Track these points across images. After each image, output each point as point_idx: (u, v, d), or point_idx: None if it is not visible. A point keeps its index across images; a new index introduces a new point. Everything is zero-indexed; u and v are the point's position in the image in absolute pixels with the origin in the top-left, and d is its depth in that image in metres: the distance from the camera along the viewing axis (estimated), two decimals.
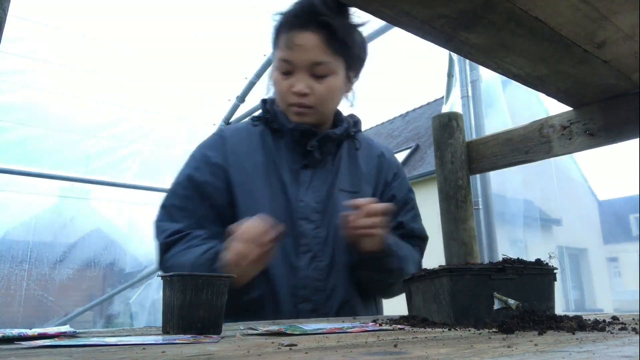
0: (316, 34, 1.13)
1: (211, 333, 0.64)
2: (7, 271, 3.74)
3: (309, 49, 1.14)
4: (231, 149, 1.21)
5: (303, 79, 1.15)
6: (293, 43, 1.13)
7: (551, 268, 0.85)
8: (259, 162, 1.20)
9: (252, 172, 1.18)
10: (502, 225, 2.60)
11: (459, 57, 2.53)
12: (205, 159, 1.19)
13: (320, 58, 1.14)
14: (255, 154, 1.21)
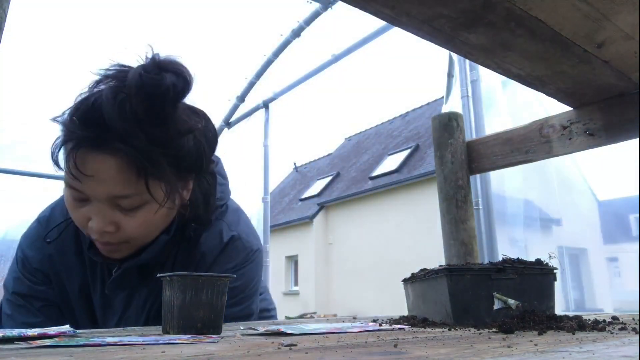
0: (114, 156, 0.77)
1: (211, 333, 0.64)
2: (7, 271, 3.74)
3: (104, 179, 0.78)
4: (50, 249, 0.99)
5: (102, 211, 0.81)
6: (80, 172, 0.77)
7: (551, 268, 0.85)
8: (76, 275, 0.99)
9: (70, 286, 0.99)
10: (502, 225, 2.60)
11: (459, 57, 2.53)
12: (24, 262, 1.02)
13: (122, 191, 0.79)
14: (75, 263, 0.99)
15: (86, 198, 0.81)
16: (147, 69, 0.77)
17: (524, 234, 2.85)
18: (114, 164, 0.78)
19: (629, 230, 8.43)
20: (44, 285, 1.00)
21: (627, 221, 8.91)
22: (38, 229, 1.02)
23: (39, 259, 0.99)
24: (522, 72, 1.07)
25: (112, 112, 0.75)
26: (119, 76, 0.79)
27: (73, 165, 0.77)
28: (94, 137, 0.77)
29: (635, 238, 7.51)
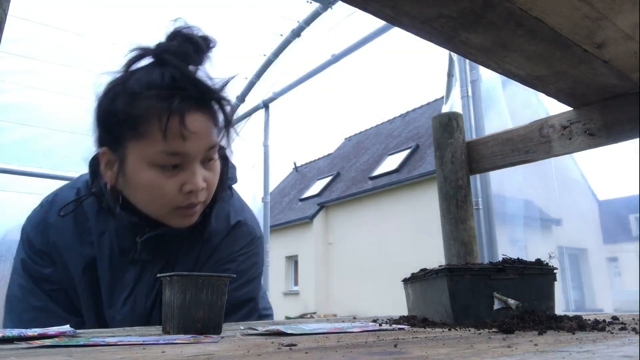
0: (207, 113, 0.89)
1: (211, 333, 0.64)
2: (7, 271, 3.73)
3: (203, 133, 0.87)
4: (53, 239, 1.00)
5: (197, 170, 0.88)
6: (189, 128, 0.84)
7: (551, 268, 0.85)
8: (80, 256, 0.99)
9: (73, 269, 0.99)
10: (502, 225, 2.60)
11: (459, 57, 2.53)
12: (31, 245, 1.02)
13: (213, 140, 0.90)
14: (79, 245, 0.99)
15: (178, 164, 0.87)
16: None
17: (524, 234, 2.85)
18: (208, 118, 0.88)
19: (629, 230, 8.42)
20: (50, 267, 1.00)
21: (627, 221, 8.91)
22: (41, 212, 1.04)
23: (42, 241, 1.00)
24: (522, 72, 1.07)
25: (198, 74, 0.87)
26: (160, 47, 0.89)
27: (182, 126, 0.83)
28: (196, 97, 0.86)
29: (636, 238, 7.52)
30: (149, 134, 0.84)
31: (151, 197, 0.90)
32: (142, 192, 0.90)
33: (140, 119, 0.85)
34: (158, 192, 0.88)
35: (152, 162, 0.86)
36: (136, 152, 0.87)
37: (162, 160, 0.86)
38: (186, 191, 0.88)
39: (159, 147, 0.85)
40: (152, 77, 0.86)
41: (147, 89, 0.85)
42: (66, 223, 1.00)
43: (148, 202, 0.91)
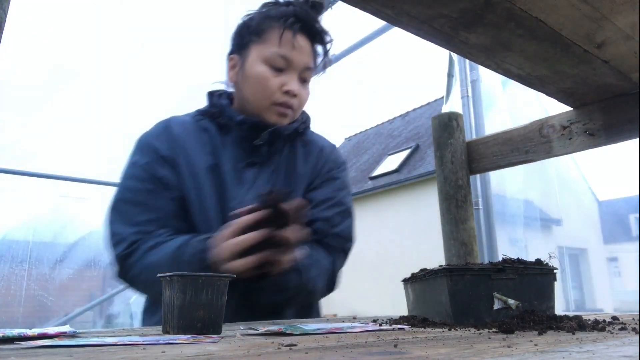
0: (310, 42, 1.17)
1: (211, 333, 0.64)
2: (7, 271, 3.74)
3: (306, 53, 1.15)
4: (177, 142, 1.14)
5: (295, 80, 1.14)
6: (297, 43, 1.12)
7: (551, 268, 0.85)
8: (203, 158, 1.13)
9: (199, 168, 1.12)
10: (502, 225, 2.60)
11: (459, 57, 2.53)
12: (154, 150, 1.13)
13: (311, 64, 1.17)
14: (200, 150, 1.14)
15: (284, 68, 1.13)
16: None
17: (524, 234, 2.85)
18: (310, 45, 1.17)
19: (629, 230, 8.43)
20: (172, 173, 1.11)
21: (627, 221, 8.92)
22: (161, 126, 1.19)
23: (167, 147, 1.14)
24: (522, 72, 1.07)
25: (316, 17, 1.17)
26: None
27: (292, 37, 1.13)
28: (306, 26, 1.15)
29: (635, 238, 7.52)
30: (268, 39, 1.14)
31: (258, 87, 1.14)
32: (253, 83, 1.14)
33: (265, 30, 1.14)
34: (265, 83, 1.13)
35: (266, 60, 1.13)
36: (256, 53, 1.14)
37: (273, 60, 1.13)
38: (284, 90, 1.13)
39: (274, 49, 1.12)
40: (280, 8, 1.16)
41: (276, 12, 1.15)
42: (188, 133, 1.16)
43: (255, 93, 1.15)
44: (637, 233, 7.60)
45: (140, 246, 1.04)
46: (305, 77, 1.17)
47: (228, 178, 1.12)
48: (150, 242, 1.04)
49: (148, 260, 1.02)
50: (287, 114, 1.15)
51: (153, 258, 1.01)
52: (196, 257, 0.96)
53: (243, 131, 1.14)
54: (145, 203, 1.08)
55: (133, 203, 1.09)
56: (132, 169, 1.12)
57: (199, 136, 1.16)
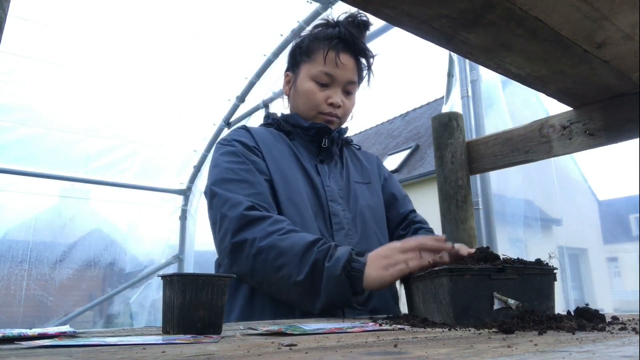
0: (354, 59, 1.32)
1: (211, 333, 0.64)
2: (7, 271, 3.74)
3: (349, 69, 1.30)
4: (259, 139, 1.27)
5: (339, 93, 1.31)
6: (340, 61, 1.28)
7: (551, 268, 0.85)
8: (284, 151, 1.27)
9: (281, 159, 1.24)
10: (502, 225, 2.60)
11: (459, 57, 2.53)
12: (242, 142, 1.24)
13: (354, 78, 1.33)
14: (280, 146, 1.29)
15: (329, 84, 1.30)
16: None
17: (524, 234, 2.85)
18: (354, 62, 1.32)
19: (629, 230, 8.43)
20: (262, 160, 1.22)
21: (627, 221, 8.92)
22: (241, 129, 1.32)
23: (254, 142, 1.25)
24: (522, 72, 1.07)
25: (359, 35, 1.32)
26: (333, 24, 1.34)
27: (337, 58, 1.28)
28: (350, 44, 1.30)
29: (635, 238, 7.52)
30: (315, 59, 1.30)
31: (307, 100, 1.31)
32: (303, 97, 1.32)
33: (313, 50, 1.31)
34: (312, 97, 1.30)
35: (313, 77, 1.30)
36: (305, 71, 1.32)
37: (319, 77, 1.29)
38: (329, 102, 1.30)
39: (320, 68, 1.29)
40: (327, 30, 1.33)
41: (323, 35, 1.31)
42: (266, 135, 1.30)
43: (304, 104, 1.32)
44: (637, 233, 7.60)
45: (260, 221, 1.07)
46: (350, 89, 1.34)
47: (309, 168, 1.27)
48: (272, 226, 1.06)
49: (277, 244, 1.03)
50: (332, 121, 1.32)
51: (282, 244, 1.03)
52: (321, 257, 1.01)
53: (310, 134, 1.32)
54: (248, 180, 1.15)
55: (236, 180, 1.15)
56: (228, 156, 1.21)
57: (274, 137, 1.31)
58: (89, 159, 3.93)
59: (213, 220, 1.15)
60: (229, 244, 1.07)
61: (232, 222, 1.08)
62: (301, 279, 1.00)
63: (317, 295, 1.00)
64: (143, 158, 4.09)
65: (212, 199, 1.15)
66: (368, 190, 1.37)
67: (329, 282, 0.98)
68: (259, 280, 1.07)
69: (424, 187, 10.56)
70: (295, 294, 1.03)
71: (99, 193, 4.24)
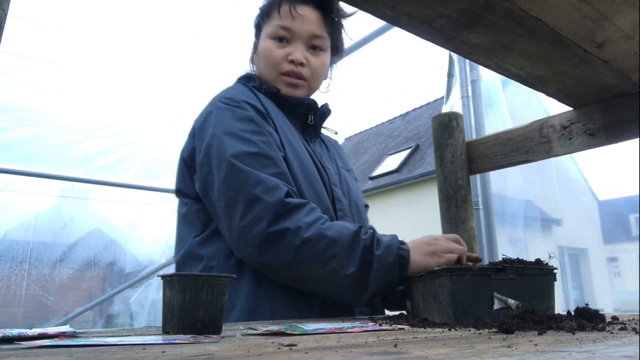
0: (316, 10, 1.19)
1: (211, 333, 0.64)
2: (7, 271, 3.74)
3: (310, 21, 1.17)
4: (266, 104, 1.13)
5: (300, 48, 1.17)
6: (296, 12, 1.15)
7: (551, 268, 0.85)
8: (287, 122, 1.14)
9: (287, 130, 1.11)
10: (502, 225, 2.60)
11: (459, 57, 2.53)
12: (253, 106, 1.08)
13: (319, 32, 1.19)
14: (281, 115, 1.15)
15: (289, 39, 1.17)
16: None
17: (524, 234, 2.85)
18: (316, 13, 1.18)
19: (629, 230, 8.43)
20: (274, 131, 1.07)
21: (627, 221, 8.91)
22: (243, 87, 1.17)
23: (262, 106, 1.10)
24: (522, 72, 1.07)
25: None
26: None
27: (292, 8, 1.15)
28: None
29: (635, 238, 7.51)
30: (271, 16, 1.19)
31: (266, 61, 1.18)
32: (262, 58, 1.19)
33: (270, 8, 1.20)
34: (270, 55, 1.17)
35: (270, 35, 1.18)
36: (264, 32, 1.20)
37: (275, 33, 1.17)
38: (289, 60, 1.16)
39: (276, 22, 1.17)
40: None
41: None
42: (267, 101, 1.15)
43: (264, 66, 1.19)
44: (637, 233, 7.59)
45: (299, 209, 0.95)
46: (316, 44, 1.19)
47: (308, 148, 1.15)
48: (312, 215, 0.95)
49: (323, 232, 0.93)
50: (296, 84, 1.18)
51: (328, 232, 0.93)
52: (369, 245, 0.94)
53: (299, 110, 1.19)
54: (270, 156, 1.00)
55: (257, 155, 0.99)
56: (243, 122, 1.04)
57: (272, 104, 1.16)
58: (89, 159, 3.93)
59: (232, 199, 0.97)
60: (262, 233, 0.93)
61: (270, 208, 0.94)
62: (353, 270, 0.92)
63: (365, 286, 0.93)
64: (143, 158, 4.09)
65: (234, 175, 0.97)
66: (350, 176, 1.29)
67: (379, 270, 0.92)
68: (297, 274, 0.95)
69: (424, 187, 10.57)
70: (342, 287, 0.94)
71: (99, 193, 4.24)
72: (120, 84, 3.54)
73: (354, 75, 6.38)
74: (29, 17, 2.88)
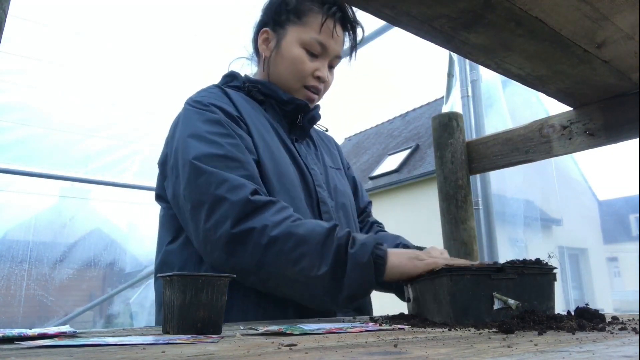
0: (344, 32, 1.22)
1: (211, 333, 0.64)
2: (7, 271, 3.74)
3: (340, 42, 1.21)
4: (239, 106, 1.10)
5: (326, 66, 1.20)
6: (335, 33, 1.16)
7: (551, 268, 0.85)
8: (266, 125, 1.11)
9: (266, 135, 1.08)
10: (502, 225, 2.60)
11: (459, 57, 2.53)
12: (223, 110, 1.05)
13: (340, 53, 1.23)
14: (261, 118, 1.12)
15: (318, 55, 1.17)
16: None
17: (524, 234, 2.85)
18: (342, 35, 1.21)
19: (629, 230, 8.42)
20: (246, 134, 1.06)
21: (627, 221, 8.90)
22: (216, 90, 1.14)
23: (234, 109, 1.08)
24: (522, 72, 1.07)
25: (353, 12, 1.20)
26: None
27: (334, 28, 1.16)
28: (345, 17, 1.18)
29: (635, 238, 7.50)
30: (308, 24, 1.16)
31: (293, 68, 1.17)
32: (288, 64, 1.17)
33: (306, 12, 1.16)
34: (300, 66, 1.16)
35: (304, 44, 1.16)
36: (294, 34, 1.16)
37: (311, 46, 1.16)
38: (316, 75, 1.18)
39: (313, 35, 1.15)
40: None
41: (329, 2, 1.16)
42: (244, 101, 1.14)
43: (289, 73, 1.18)
44: (637, 233, 7.59)
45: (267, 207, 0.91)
46: (333, 64, 1.23)
47: (291, 148, 1.14)
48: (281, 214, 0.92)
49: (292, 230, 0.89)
50: (314, 98, 1.21)
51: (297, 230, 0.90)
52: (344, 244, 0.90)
53: (288, 109, 1.18)
54: (238, 158, 0.97)
55: (224, 157, 0.96)
56: (211, 125, 1.01)
57: (251, 105, 1.14)
58: (89, 159, 3.93)
59: (197, 200, 0.93)
60: (226, 234, 0.89)
61: (235, 207, 0.90)
62: (325, 270, 0.88)
63: (339, 288, 0.89)
64: (143, 158, 4.09)
65: (197, 176, 0.94)
66: (340, 176, 1.27)
67: (354, 270, 0.88)
68: (267, 276, 0.91)
69: (424, 187, 10.57)
70: (315, 288, 0.90)
71: (99, 193, 4.24)
72: (120, 84, 3.54)
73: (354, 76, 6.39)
74: (29, 17, 2.88)
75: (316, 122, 1.28)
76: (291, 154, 1.12)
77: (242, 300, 0.97)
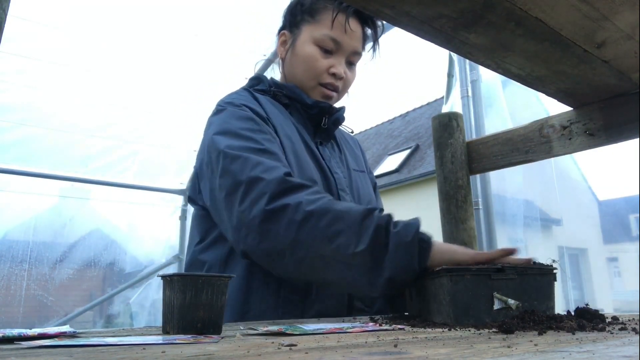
0: (361, 26, 1.20)
1: (211, 333, 0.64)
2: (7, 271, 3.74)
3: (356, 37, 1.18)
4: (267, 109, 1.11)
5: (342, 63, 1.18)
6: (349, 27, 1.15)
7: (551, 268, 0.85)
8: (292, 128, 1.12)
9: (290, 135, 1.09)
10: (502, 225, 2.60)
11: (459, 57, 2.53)
12: (252, 109, 1.07)
13: (360, 49, 1.21)
14: (286, 120, 1.13)
15: (333, 51, 1.16)
16: None
17: (524, 234, 2.85)
18: (361, 31, 1.19)
19: (629, 230, 8.42)
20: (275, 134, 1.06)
21: (627, 221, 8.91)
22: (244, 93, 1.17)
23: (262, 111, 1.09)
24: (522, 72, 1.07)
25: None
26: None
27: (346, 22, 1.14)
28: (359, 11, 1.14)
29: (635, 238, 7.50)
30: (321, 21, 1.16)
31: (307, 67, 1.17)
32: (302, 62, 1.17)
33: (319, 10, 1.16)
34: (313, 64, 1.16)
35: (317, 42, 1.16)
36: (308, 33, 1.17)
37: (324, 42, 1.15)
38: (331, 72, 1.16)
39: (325, 32, 1.15)
40: None
41: None
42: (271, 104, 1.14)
43: (303, 72, 1.18)
44: (637, 233, 7.59)
45: (301, 189, 0.89)
46: (353, 60, 1.21)
47: (315, 151, 1.14)
48: (317, 194, 0.90)
49: (329, 206, 0.86)
50: (331, 96, 1.20)
51: (336, 206, 0.86)
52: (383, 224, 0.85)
53: (312, 113, 1.18)
54: (273, 151, 0.98)
55: (259, 150, 0.96)
56: (243, 121, 1.02)
57: (277, 108, 1.15)
58: (89, 159, 3.93)
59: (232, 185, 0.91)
60: (261, 212, 0.86)
61: (270, 185, 0.88)
62: (363, 248, 0.82)
63: (379, 269, 0.82)
64: (143, 158, 4.09)
65: (232, 162, 0.93)
66: (363, 178, 1.27)
67: (397, 250, 0.82)
68: (302, 255, 0.85)
69: (424, 187, 10.57)
70: (352, 269, 0.83)
71: (99, 193, 4.24)
72: (120, 84, 3.54)
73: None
74: (29, 17, 2.88)
75: (340, 123, 1.27)
76: (315, 158, 1.12)
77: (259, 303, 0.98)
